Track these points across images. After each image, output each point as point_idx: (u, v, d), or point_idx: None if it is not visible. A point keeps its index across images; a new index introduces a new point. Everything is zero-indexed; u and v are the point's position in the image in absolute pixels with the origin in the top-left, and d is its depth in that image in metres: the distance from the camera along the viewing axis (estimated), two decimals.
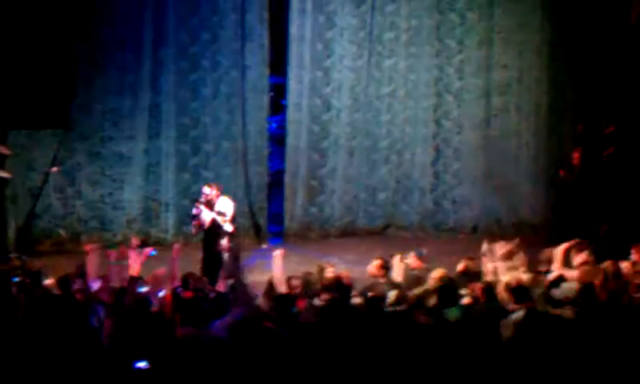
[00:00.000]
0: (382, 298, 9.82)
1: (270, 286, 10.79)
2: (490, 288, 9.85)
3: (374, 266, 11.61)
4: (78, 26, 15.40)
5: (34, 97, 14.35)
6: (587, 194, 15.92)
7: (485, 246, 11.59)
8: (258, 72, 17.00)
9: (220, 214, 13.71)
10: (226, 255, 13.17)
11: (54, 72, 14.59)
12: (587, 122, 16.66)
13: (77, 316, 9.11)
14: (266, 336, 8.22)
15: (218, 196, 13.82)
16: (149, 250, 11.66)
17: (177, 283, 10.89)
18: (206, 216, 13.69)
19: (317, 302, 10.17)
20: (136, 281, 10.50)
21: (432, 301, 9.69)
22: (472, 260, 11.60)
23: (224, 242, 13.55)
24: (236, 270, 12.66)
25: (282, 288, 10.68)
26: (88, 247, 11.40)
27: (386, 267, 11.59)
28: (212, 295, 10.72)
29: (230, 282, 11.15)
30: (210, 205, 13.77)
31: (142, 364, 7.46)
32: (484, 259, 11.50)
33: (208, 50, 16.72)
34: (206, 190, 13.86)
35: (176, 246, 11.77)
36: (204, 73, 16.75)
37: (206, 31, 16.70)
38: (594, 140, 16.32)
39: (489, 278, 11.01)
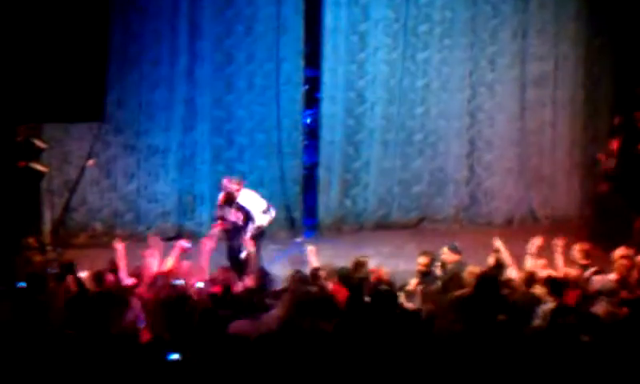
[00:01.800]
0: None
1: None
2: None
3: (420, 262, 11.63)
4: (113, 19, 15.48)
5: (70, 90, 14.42)
6: (623, 187, 15.80)
7: (497, 241, 11.59)
8: (293, 64, 16.97)
9: (240, 209, 13.67)
10: (251, 250, 13.02)
11: (89, 65, 14.66)
12: (624, 115, 16.53)
13: (112, 310, 9.15)
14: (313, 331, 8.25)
15: (238, 190, 13.78)
16: (185, 244, 11.74)
17: (205, 277, 10.93)
18: (232, 214, 13.67)
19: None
20: (170, 275, 10.56)
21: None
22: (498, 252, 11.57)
23: (248, 236, 13.48)
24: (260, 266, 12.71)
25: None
26: (116, 243, 11.45)
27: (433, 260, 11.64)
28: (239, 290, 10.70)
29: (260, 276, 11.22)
30: (230, 199, 13.72)
31: (174, 356, 7.48)
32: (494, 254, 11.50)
33: (243, 42, 16.69)
34: (225, 183, 13.84)
35: (204, 241, 11.79)
36: (239, 65, 16.73)
37: (240, 23, 16.68)
38: (631, 132, 16.19)
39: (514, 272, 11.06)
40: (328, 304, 9.66)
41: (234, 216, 13.69)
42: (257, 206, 13.80)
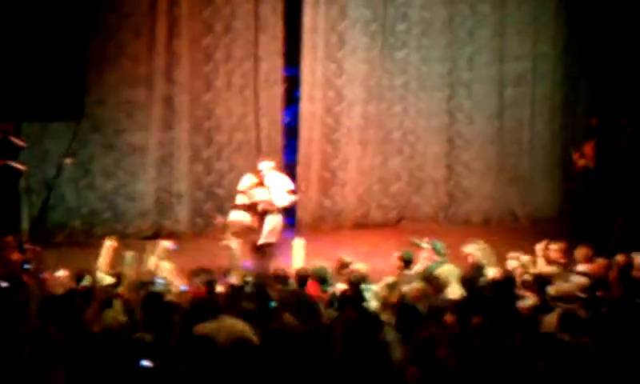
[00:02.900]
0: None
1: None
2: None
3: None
4: (91, 17, 15.42)
5: (48, 88, 14.35)
6: (601, 187, 15.88)
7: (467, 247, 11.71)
8: (272, 63, 16.98)
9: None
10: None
11: (68, 63, 14.59)
12: (602, 115, 16.60)
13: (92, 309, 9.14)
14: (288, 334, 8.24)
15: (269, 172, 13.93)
16: (167, 244, 11.73)
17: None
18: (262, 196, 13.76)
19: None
20: (152, 276, 10.55)
21: None
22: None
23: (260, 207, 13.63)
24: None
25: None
26: (107, 242, 11.47)
27: (407, 261, 11.68)
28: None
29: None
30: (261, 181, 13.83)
31: (146, 363, 7.47)
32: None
33: (221, 41, 16.71)
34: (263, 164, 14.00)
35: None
36: (217, 64, 16.74)
37: (219, 22, 16.67)
38: (608, 132, 16.26)
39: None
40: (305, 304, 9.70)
41: (264, 198, 13.77)
42: (281, 185, 13.91)
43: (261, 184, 13.89)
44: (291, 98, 17.85)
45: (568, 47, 18.12)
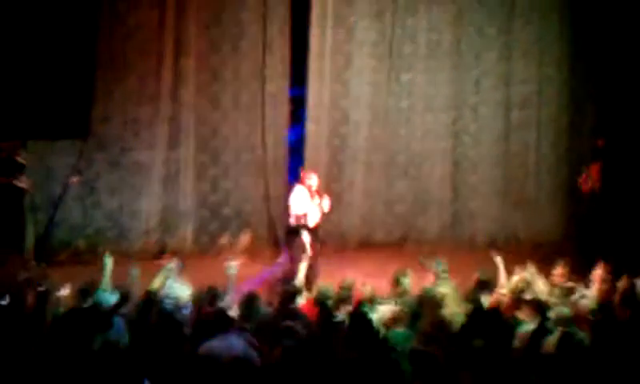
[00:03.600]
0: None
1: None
2: None
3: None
4: (98, 35, 15.46)
5: (54, 106, 14.39)
6: (607, 210, 15.86)
7: (498, 258, 11.71)
8: (278, 84, 17.01)
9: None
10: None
11: (74, 81, 14.64)
12: (607, 137, 16.60)
13: (94, 329, 9.13)
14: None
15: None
16: (173, 264, 11.71)
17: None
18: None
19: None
20: (157, 295, 10.52)
21: None
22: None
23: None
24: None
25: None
26: (107, 259, 11.47)
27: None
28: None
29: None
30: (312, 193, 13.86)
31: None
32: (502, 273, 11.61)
33: (229, 60, 16.73)
34: (311, 177, 13.96)
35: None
36: (224, 84, 16.76)
37: (226, 42, 16.71)
38: (614, 155, 16.26)
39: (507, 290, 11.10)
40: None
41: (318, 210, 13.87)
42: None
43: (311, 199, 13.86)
44: (297, 119, 17.85)
45: (573, 69, 18.13)
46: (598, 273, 11.49)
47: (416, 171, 17.98)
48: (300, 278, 12.16)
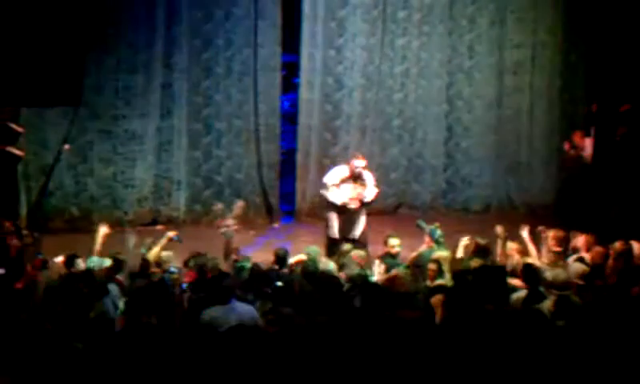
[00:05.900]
0: None
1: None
2: None
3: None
4: (90, 3, 15.37)
5: (46, 74, 14.30)
6: (599, 175, 15.86)
7: (499, 229, 11.74)
8: (271, 50, 16.90)
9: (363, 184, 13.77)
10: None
11: (66, 49, 14.54)
12: (601, 103, 16.58)
13: (89, 297, 9.12)
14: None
15: (365, 166, 13.87)
16: (172, 235, 11.72)
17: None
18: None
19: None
20: (150, 263, 10.52)
21: None
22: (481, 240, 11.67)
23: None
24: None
25: None
26: (101, 227, 11.50)
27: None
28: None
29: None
30: (356, 175, 13.71)
31: None
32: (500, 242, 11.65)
33: (221, 28, 16.64)
34: (360, 162, 13.77)
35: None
36: (217, 51, 16.66)
37: (219, 9, 16.60)
38: (607, 121, 16.24)
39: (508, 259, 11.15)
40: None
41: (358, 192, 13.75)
42: (372, 182, 13.90)
43: (348, 180, 13.76)
44: (290, 85, 17.80)
45: (567, 35, 18.13)
46: (580, 240, 11.50)
47: (410, 137, 17.97)
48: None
